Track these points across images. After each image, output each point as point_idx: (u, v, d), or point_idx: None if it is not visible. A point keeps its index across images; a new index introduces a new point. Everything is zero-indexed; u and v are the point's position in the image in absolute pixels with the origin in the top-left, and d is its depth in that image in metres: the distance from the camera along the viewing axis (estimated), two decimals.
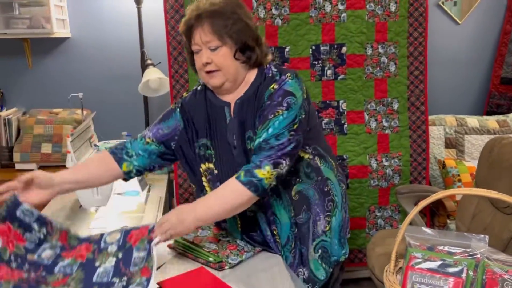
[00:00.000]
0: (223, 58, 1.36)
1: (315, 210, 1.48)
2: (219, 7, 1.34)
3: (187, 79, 2.37)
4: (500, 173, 1.87)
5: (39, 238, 1.32)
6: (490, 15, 3.08)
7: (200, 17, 1.34)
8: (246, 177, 1.28)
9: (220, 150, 1.43)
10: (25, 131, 2.59)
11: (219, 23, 1.33)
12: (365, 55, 2.45)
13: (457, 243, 1.20)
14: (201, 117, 1.47)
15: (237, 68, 1.38)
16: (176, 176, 2.40)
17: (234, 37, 1.35)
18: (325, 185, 1.49)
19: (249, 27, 1.37)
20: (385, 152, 2.52)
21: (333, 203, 1.51)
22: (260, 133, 1.32)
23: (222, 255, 1.40)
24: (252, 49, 1.38)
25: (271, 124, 1.31)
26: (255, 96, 1.39)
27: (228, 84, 1.40)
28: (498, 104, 3.13)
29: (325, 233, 1.50)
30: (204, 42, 1.35)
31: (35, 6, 2.38)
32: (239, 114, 1.41)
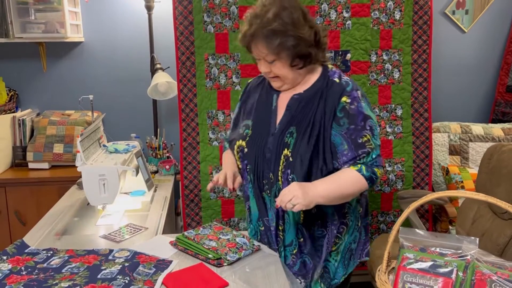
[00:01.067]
0: (280, 69, 1.44)
1: (332, 230, 1.52)
2: (271, 27, 1.37)
3: (194, 83, 2.43)
4: (499, 180, 1.89)
5: (47, 256, 1.47)
6: (496, 24, 3.09)
7: (254, 37, 1.41)
8: (368, 172, 1.40)
9: (257, 132, 1.52)
10: (38, 132, 2.67)
11: (272, 42, 1.38)
12: (369, 62, 2.49)
13: (449, 244, 1.24)
14: (254, 99, 1.59)
15: (295, 74, 1.46)
16: (182, 178, 2.46)
17: (287, 52, 1.40)
18: (343, 207, 1.52)
19: (302, 39, 1.40)
20: (388, 158, 2.55)
21: (346, 226, 1.54)
22: (366, 158, 1.42)
23: (221, 252, 1.45)
24: (308, 55, 1.43)
25: (372, 149, 1.43)
26: (318, 98, 1.46)
27: (287, 86, 1.50)
28: (503, 112, 3.13)
29: (330, 254, 1.53)
30: (262, 55, 1.43)
31: (51, 12, 2.47)
32: (293, 109, 1.48)
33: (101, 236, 1.68)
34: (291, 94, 1.50)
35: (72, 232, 1.75)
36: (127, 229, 1.73)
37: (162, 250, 1.53)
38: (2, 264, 1.40)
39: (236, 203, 2.50)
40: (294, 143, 1.44)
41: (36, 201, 2.53)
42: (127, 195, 2.13)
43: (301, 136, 1.44)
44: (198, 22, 2.39)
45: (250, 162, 1.52)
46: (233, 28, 2.41)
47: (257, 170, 1.51)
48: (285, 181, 1.45)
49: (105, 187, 1.79)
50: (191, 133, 2.46)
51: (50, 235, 1.69)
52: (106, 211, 1.91)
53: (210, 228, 1.60)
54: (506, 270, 1.14)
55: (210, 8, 2.38)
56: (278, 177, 1.47)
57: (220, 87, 2.45)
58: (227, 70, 2.44)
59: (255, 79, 1.66)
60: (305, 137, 1.43)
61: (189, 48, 2.40)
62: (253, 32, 1.40)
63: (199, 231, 1.58)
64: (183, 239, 1.53)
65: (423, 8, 2.48)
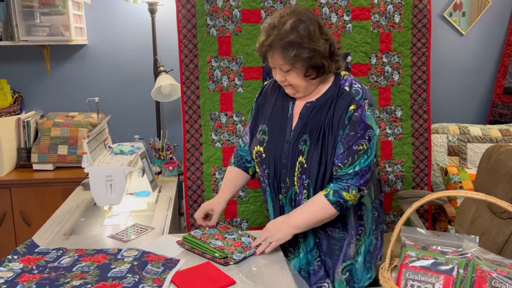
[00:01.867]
0: (294, 79, 1.49)
1: (351, 232, 1.60)
2: (288, 39, 1.42)
3: (197, 85, 2.47)
4: (497, 179, 1.93)
5: (57, 255, 1.51)
6: (493, 27, 3.14)
7: (271, 47, 1.46)
8: (335, 197, 1.46)
9: (273, 138, 1.59)
10: (42, 133, 2.70)
11: (288, 53, 1.43)
12: (369, 64, 2.53)
13: (450, 243, 1.27)
14: (270, 104, 1.65)
15: (308, 84, 1.51)
16: (185, 179, 2.49)
17: (302, 63, 1.45)
18: (359, 209, 1.61)
19: (317, 51, 1.44)
20: (388, 159, 2.59)
21: (364, 228, 1.62)
22: (348, 168, 1.47)
23: (227, 252, 1.48)
24: (321, 66, 1.48)
25: (357, 163, 1.47)
26: (329, 106, 1.52)
27: (300, 94, 1.56)
28: (501, 114, 3.18)
29: (353, 257, 1.61)
30: (278, 65, 1.49)
31: (56, 15, 2.50)
32: (305, 117, 1.54)
33: (109, 236, 1.71)
34: (305, 102, 1.56)
35: (80, 232, 1.78)
36: (134, 229, 1.77)
37: (169, 249, 1.56)
38: (13, 264, 1.44)
39: (239, 204, 2.53)
40: (308, 150, 1.50)
41: (40, 202, 2.56)
42: (132, 195, 2.16)
43: (314, 143, 1.50)
44: (201, 25, 2.42)
45: (268, 167, 1.59)
46: (236, 31, 2.44)
47: (275, 175, 1.58)
48: (300, 186, 1.53)
49: (112, 187, 1.82)
50: (194, 134, 2.49)
51: (58, 235, 1.72)
52: (112, 211, 1.94)
53: (216, 228, 1.64)
54: (505, 267, 1.17)
55: (213, 11, 2.42)
56: (294, 182, 1.54)
57: (223, 89, 2.48)
58: (229, 73, 2.48)
59: (271, 82, 1.71)
60: (318, 145, 1.49)
61: (192, 51, 2.44)
62: (270, 43, 1.45)
63: (205, 230, 1.61)
64: (189, 239, 1.56)
65: (422, 11, 2.53)
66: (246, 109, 2.48)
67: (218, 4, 2.42)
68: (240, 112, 2.50)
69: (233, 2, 2.42)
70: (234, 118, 2.50)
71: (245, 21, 2.44)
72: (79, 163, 2.68)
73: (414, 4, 2.51)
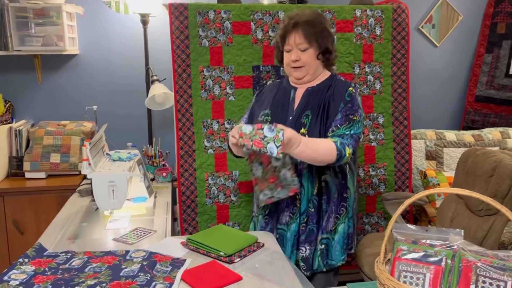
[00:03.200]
0: (309, 57, 1.79)
1: (331, 207, 1.83)
2: (311, 19, 1.79)
3: (190, 94, 2.55)
4: (474, 180, 2.10)
5: (67, 257, 1.56)
6: (465, 39, 3.36)
7: (297, 25, 1.77)
8: (340, 147, 1.67)
9: (275, 117, 1.84)
10: (34, 142, 2.72)
11: (310, 31, 1.76)
12: (353, 74, 2.68)
13: (437, 237, 1.40)
14: (271, 95, 1.92)
15: (317, 66, 1.83)
16: (179, 184, 2.56)
17: (319, 42, 1.78)
18: (344, 191, 1.85)
19: (331, 36, 1.83)
20: (371, 163, 2.74)
21: (345, 209, 1.85)
22: (345, 129, 1.74)
23: (259, 188, 1.70)
24: (330, 52, 1.83)
25: (352, 127, 1.75)
26: (327, 89, 1.82)
27: (308, 77, 1.84)
28: (473, 120, 3.40)
29: (330, 233, 1.82)
30: (297, 44, 1.78)
31: (50, 25, 2.54)
32: (307, 98, 1.83)
33: (113, 239, 1.77)
34: (306, 88, 1.85)
35: (83, 236, 1.83)
36: (137, 232, 1.83)
37: (175, 250, 1.64)
38: (25, 266, 1.48)
39: (231, 208, 2.62)
40: (310, 123, 1.76)
41: (34, 210, 2.58)
42: (130, 201, 2.22)
43: (315, 117, 1.76)
44: (193, 37, 2.52)
45: None
46: (227, 42, 2.55)
47: None
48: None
49: (114, 193, 1.88)
50: (187, 141, 2.57)
51: (63, 240, 1.76)
52: (113, 216, 1.99)
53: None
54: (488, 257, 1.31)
55: (205, 23, 2.52)
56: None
57: (215, 98, 2.58)
58: (221, 82, 2.57)
59: (269, 85, 1.98)
60: (318, 118, 1.75)
61: (185, 61, 2.53)
62: (296, 22, 1.77)
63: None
64: (193, 240, 1.64)
65: (401, 24, 2.70)
66: (237, 116, 2.58)
67: (210, 16, 2.52)
68: (231, 119, 2.59)
69: (224, 15, 2.53)
70: (226, 125, 2.59)
71: (236, 33, 2.55)
72: (72, 171, 2.72)
73: (394, 17, 2.68)
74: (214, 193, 2.59)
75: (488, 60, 3.32)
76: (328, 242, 1.84)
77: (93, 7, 2.89)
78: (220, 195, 2.60)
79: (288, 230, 1.84)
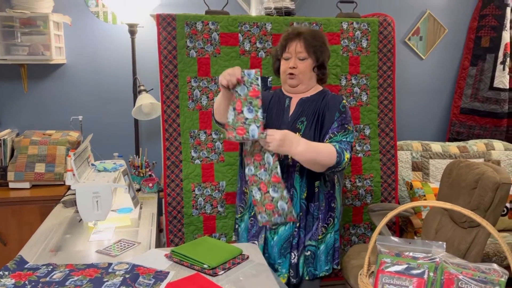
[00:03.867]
0: (305, 67, 1.86)
1: (319, 216, 1.86)
2: (314, 32, 1.90)
3: (177, 104, 2.55)
4: (458, 192, 2.12)
5: (48, 270, 1.54)
6: (450, 52, 3.42)
7: (300, 35, 1.87)
8: (340, 150, 1.73)
9: (271, 121, 1.89)
10: (19, 151, 2.69)
11: (311, 42, 1.85)
12: (339, 86, 2.70)
13: (420, 249, 1.41)
14: (266, 100, 1.95)
15: (311, 78, 1.90)
16: (165, 195, 2.55)
17: (317, 55, 1.86)
18: (332, 201, 1.89)
19: (328, 53, 1.93)
20: (358, 174, 2.75)
21: (333, 220, 1.88)
22: (342, 135, 1.80)
23: (257, 210, 1.70)
24: (325, 68, 1.91)
25: (347, 135, 1.81)
26: (322, 100, 1.88)
27: (301, 87, 1.90)
28: (458, 132, 3.44)
29: (317, 241, 1.84)
30: (296, 52, 1.85)
31: (37, 35, 2.53)
32: (302, 106, 1.90)
33: (96, 251, 1.74)
34: (300, 97, 1.91)
35: (66, 248, 1.80)
36: (121, 244, 1.81)
37: (158, 262, 1.62)
38: (5, 280, 1.46)
39: (217, 219, 2.61)
40: (304, 128, 1.82)
41: (17, 221, 2.54)
42: (115, 212, 2.20)
43: (310, 124, 1.82)
44: (181, 47, 2.52)
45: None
46: (215, 53, 2.56)
47: None
48: (294, 160, 1.78)
49: (98, 204, 1.86)
50: (174, 151, 2.56)
51: (45, 252, 1.74)
52: (97, 227, 1.97)
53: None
54: (470, 270, 1.32)
55: (192, 34, 2.53)
56: (288, 156, 1.80)
57: (202, 108, 2.58)
58: (208, 92, 2.58)
59: (265, 92, 2.03)
60: (313, 125, 1.81)
61: (172, 71, 2.53)
62: (299, 32, 1.87)
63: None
64: (177, 252, 1.63)
65: (387, 37, 2.73)
66: None
67: (198, 27, 2.53)
68: (218, 130, 2.59)
69: (212, 26, 2.54)
70: (213, 135, 2.59)
71: (224, 44, 2.56)
72: (57, 181, 2.69)
73: (380, 30, 2.72)
74: (200, 203, 2.58)
75: (473, 73, 3.38)
76: (314, 250, 1.86)
77: (81, 17, 2.89)
78: (206, 206, 2.59)
79: (276, 234, 1.85)
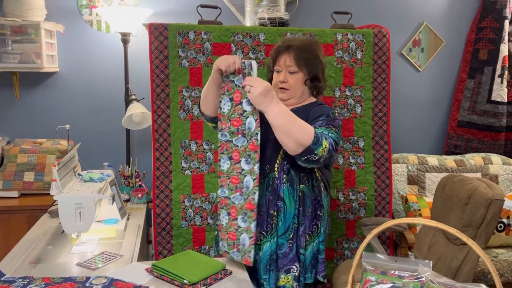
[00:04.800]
0: (296, 81, 1.79)
1: (305, 222, 1.75)
2: (305, 45, 1.80)
3: (168, 114, 2.52)
4: (451, 207, 2.07)
5: (23, 284, 1.50)
6: (447, 64, 3.39)
7: (289, 47, 1.79)
8: (319, 133, 1.61)
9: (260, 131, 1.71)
10: (8, 160, 2.67)
11: (302, 56, 1.77)
12: (333, 97, 2.67)
13: (406, 267, 1.36)
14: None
15: (303, 91, 1.83)
16: (154, 206, 2.51)
17: (309, 68, 1.79)
18: (319, 209, 1.78)
19: (322, 64, 1.83)
20: (351, 187, 2.70)
21: (317, 228, 1.77)
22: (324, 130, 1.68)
23: (220, 237, 1.70)
24: (319, 80, 1.83)
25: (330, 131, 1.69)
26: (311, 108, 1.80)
27: (292, 101, 1.83)
28: (455, 145, 3.39)
29: (303, 249, 1.74)
30: (286, 66, 1.79)
31: (28, 43, 2.52)
32: None
33: (77, 264, 1.71)
34: (290, 108, 1.77)
35: (47, 261, 1.77)
36: (102, 257, 1.77)
37: (138, 277, 1.58)
38: None
39: (207, 231, 2.56)
40: None
41: (4, 230, 2.50)
42: (101, 223, 2.16)
43: None
44: (173, 57, 2.50)
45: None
46: (207, 63, 2.54)
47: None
48: (280, 171, 1.72)
49: (81, 215, 1.82)
50: (164, 162, 2.53)
51: (25, 264, 1.70)
52: (80, 239, 1.93)
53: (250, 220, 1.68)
54: None
55: (185, 43, 2.51)
56: (274, 167, 1.72)
57: (193, 118, 2.55)
58: None
59: None
60: None
61: (164, 81, 2.51)
62: (289, 45, 1.79)
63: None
64: (158, 267, 1.59)
65: (382, 49, 2.71)
66: (216, 138, 2.54)
67: (190, 37, 2.51)
68: (210, 140, 2.56)
69: (205, 36, 2.52)
70: (204, 146, 2.56)
71: (216, 54, 2.54)
72: (46, 190, 2.66)
73: (375, 42, 2.69)
74: (190, 215, 2.54)
75: (470, 85, 3.34)
76: (301, 257, 1.75)
77: (74, 25, 2.88)
78: (196, 218, 2.55)
79: (261, 250, 1.75)
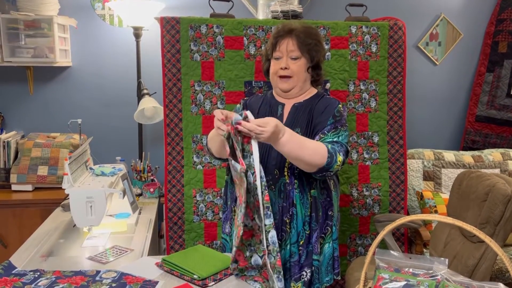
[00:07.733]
0: (299, 67, 1.70)
1: (317, 226, 1.68)
2: (307, 29, 1.72)
3: (180, 108, 2.51)
4: (468, 204, 2.01)
5: (34, 277, 1.50)
6: (465, 58, 3.30)
7: (292, 32, 1.69)
8: (332, 150, 1.56)
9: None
10: (23, 154, 2.69)
11: (305, 41, 1.69)
12: (347, 91, 2.62)
13: (421, 265, 1.32)
14: (255, 109, 1.78)
15: (306, 80, 1.74)
16: (166, 200, 2.50)
17: (312, 54, 1.70)
18: (329, 209, 1.71)
19: (324, 51, 1.78)
20: (365, 183, 2.66)
21: (330, 228, 1.71)
22: (333, 135, 1.65)
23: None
24: (320, 68, 1.76)
25: (339, 135, 1.66)
26: (315, 104, 1.73)
27: (295, 90, 1.73)
28: (473, 140, 3.31)
29: (319, 254, 1.68)
30: (288, 51, 1.69)
31: (41, 37, 2.53)
32: (294, 114, 1.73)
33: (87, 258, 1.71)
34: (293, 103, 1.75)
35: (58, 254, 1.77)
36: (113, 251, 1.77)
37: (148, 271, 1.57)
38: None
39: (219, 226, 2.55)
40: None
41: (18, 223, 2.53)
42: (112, 217, 2.16)
43: (304, 135, 1.65)
44: (185, 51, 2.48)
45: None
46: (219, 57, 2.51)
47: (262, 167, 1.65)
48: (291, 176, 1.64)
49: (92, 209, 1.83)
50: (176, 156, 2.52)
51: (36, 257, 1.71)
52: (91, 233, 1.94)
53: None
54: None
55: (196, 37, 2.49)
56: (284, 172, 1.64)
57: (205, 113, 2.53)
58: (212, 97, 2.53)
59: (251, 98, 1.86)
60: (308, 135, 1.65)
61: (175, 75, 2.49)
62: (291, 28, 1.69)
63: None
64: (168, 261, 1.58)
65: (398, 42, 2.64)
66: None
67: (202, 30, 2.49)
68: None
69: (217, 29, 2.50)
70: None
71: (228, 48, 2.51)
72: (59, 184, 2.68)
73: (390, 35, 2.63)
74: (202, 210, 2.53)
75: (489, 79, 3.25)
76: (317, 264, 1.69)
77: (87, 20, 2.89)
78: (208, 213, 2.54)
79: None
